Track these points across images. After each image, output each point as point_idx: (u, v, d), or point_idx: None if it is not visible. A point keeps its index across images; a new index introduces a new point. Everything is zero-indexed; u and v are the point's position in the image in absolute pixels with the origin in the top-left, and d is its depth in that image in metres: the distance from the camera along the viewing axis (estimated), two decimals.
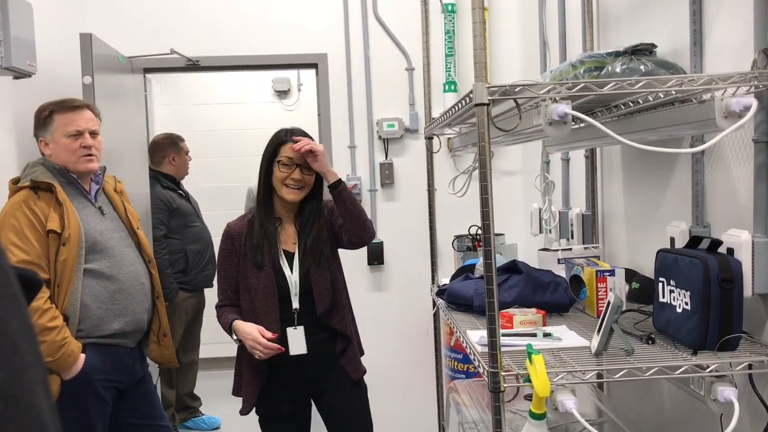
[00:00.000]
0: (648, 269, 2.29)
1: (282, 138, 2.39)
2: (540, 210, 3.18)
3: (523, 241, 3.89)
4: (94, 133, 2.50)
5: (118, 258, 2.48)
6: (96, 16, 3.86)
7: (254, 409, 2.43)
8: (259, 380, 2.39)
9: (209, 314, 4.55)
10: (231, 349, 2.50)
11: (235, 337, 2.35)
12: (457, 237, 3.64)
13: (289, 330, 2.36)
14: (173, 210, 3.97)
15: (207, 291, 4.35)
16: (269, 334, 2.28)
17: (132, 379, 2.56)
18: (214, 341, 5.59)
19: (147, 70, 3.94)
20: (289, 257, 2.41)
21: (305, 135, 2.41)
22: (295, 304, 2.37)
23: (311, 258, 2.38)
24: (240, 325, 2.32)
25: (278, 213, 2.43)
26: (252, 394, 2.40)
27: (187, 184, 4.38)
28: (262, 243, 2.37)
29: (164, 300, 2.74)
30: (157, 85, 5.75)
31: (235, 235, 2.42)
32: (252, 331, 2.28)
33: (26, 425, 0.40)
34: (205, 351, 4.72)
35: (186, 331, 4.23)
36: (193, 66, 3.94)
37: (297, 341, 2.36)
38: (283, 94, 5.92)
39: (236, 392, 2.48)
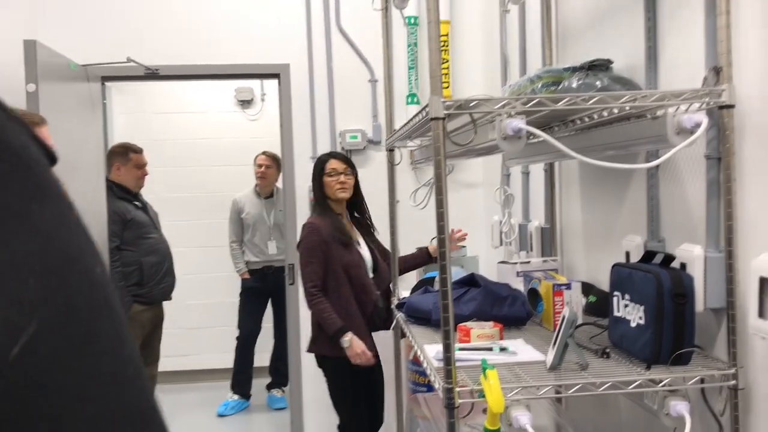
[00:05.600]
0: (605, 283, 2.30)
1: (324, 158, 3.25)
2: (500, 222, 3.19)
3: (484, 253, 3.89)
4: None
5: None
6: (51, 22, 3.78)
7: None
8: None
9: (168, 327, 4.48)
10: (191, 363, 2.45)
11: (347, 341, 2.98)
12: (419, 249, 3.62)
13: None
14: (127, 221, 3.87)
15: (165, 304, 4.26)
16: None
17: None
18: (174, 354, 5.53)
19: (105, 79, 3.87)
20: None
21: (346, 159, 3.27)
22: (371, 275, 3.15)
23: (375, 243, 3.28)
24: (356, 340, 3.00)
25: (336, 211, 3.19)
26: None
27: (148, 193, 4.28)
28: (342, 230, 3.12)
29: None
30: (117, 93, 5.66)
31: (321, 227, 3.08)
32: (365, 350, 3.00)
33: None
34: (164, 364, 4.63)
35: (144, 344, 4.12)
36: (153, 75, 3.87)
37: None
38: (246, 103, 5.86)
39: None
